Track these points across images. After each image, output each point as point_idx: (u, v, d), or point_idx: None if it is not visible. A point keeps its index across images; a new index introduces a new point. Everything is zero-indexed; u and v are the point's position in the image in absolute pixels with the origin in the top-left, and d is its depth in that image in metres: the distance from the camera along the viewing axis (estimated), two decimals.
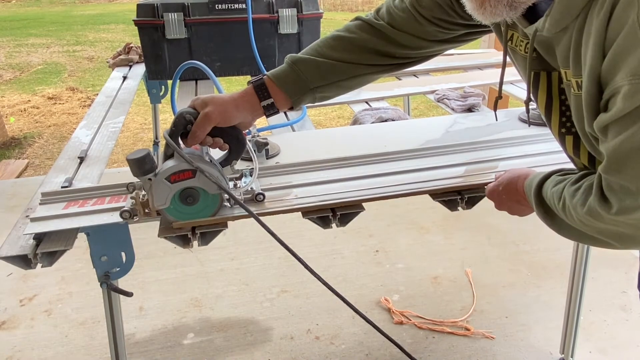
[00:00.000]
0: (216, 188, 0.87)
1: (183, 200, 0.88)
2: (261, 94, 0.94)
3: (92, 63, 7.05)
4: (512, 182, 0.92)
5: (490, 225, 2.45)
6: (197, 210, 0.90)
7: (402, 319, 1.84)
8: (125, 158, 0.85)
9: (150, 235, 1.41)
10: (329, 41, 0.98)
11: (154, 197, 0.86)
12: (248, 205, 0.92)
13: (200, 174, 0.85)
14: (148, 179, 0.85)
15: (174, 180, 0.85)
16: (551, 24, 0.69)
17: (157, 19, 1.80)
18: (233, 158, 0.95)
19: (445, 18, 0.93)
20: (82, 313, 1.92)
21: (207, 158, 0.92)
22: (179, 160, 0.85)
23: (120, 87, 1.89)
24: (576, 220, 0.71)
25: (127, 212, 0.90)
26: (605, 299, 1.94)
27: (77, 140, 1.37)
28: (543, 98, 0.80)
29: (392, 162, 1.12)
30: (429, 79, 1.90)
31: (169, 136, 0.86)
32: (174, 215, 0.90)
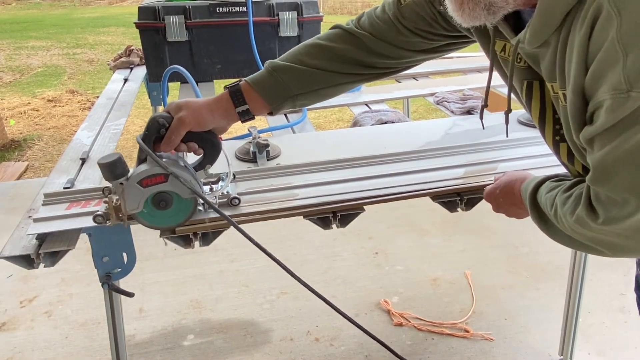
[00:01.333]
0: (189, 192, 0.86)
1: (156, 204, 0.87)
2: (236, 100, 0.93)
3: (92, 66, 7.07)
4: (509, 185, 0.93)
5: (489, 228, 2.45)
6: (171, 215, 0.89)
7: (402, 321, 1.84)
8: (97, 162, 0.84)
9: (150, 237, 1.42)
10: (310, 49, 0.97)
11: (126, 202, 0.85)
12: (223, 210, 0.92)
13: (173, 178, 0.85)
14: (120, 183, 0.84)
15: (146, 184, 0.85)
16: (531, 34, 0.70)
17: (158, 21, 1.81)
18: (207, 162, 0.94)
19: (428, 29, 0.93)
20: (82, 314, 1.92)
21: (181, 162, 0.91)
22: (152, 165, 0.85)
23: (121, 90, 1.90)
24: (567, 228, 0.72)
25: (101, 216, 0.89)
26: (604, 301, 1.95)
27: (78, 141, 1.37)
28: (537, 107, 0.81)
29: (391, 164, 1.13)
30: (429, 82, 1.91)
31: (142, 140, 0.86)
32: (147, 220, 0.89)
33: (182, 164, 0.91)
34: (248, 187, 1.05)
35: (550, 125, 0.79)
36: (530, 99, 0.81)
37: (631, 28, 0.57)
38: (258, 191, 1.03)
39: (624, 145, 0.59)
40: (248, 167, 1.13)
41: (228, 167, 0.98)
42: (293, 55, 0.97)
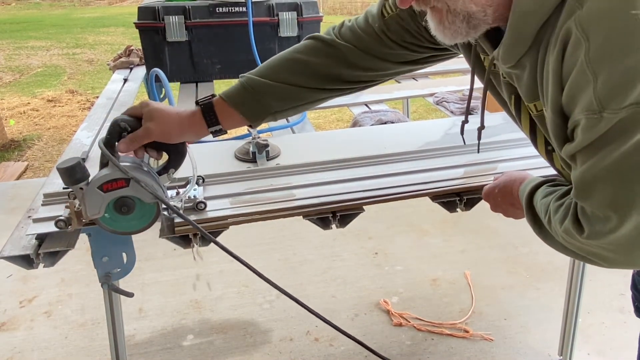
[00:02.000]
0: (151, 197, 0.84)
1: (117, 209, 0.85)
2: (209, 120, 0.90)
3: (92, 66, 7.07)
4: (508, 185, 0.93)
5: (489, 228, 2.46)
6: (134, 220, 0.88)
7: (401, 321, 1.84)
8: (55, 167, 0.83)
9: (150, 237, 1.42)
10: (289, 64, 0.94)
11: (87, 207, 0.84)
12: (189, 214, 0.92)
13: (134, 183, 0.83)
14: (80, 188, 0.82)
15: (107, 189, 0.83)
16: (504, 52, 0.71)
17: (158, 21, 1.81)
18: (171, 167, 0.92)
19: (414, 42, 0.92)
20: (82, 314, 1.92)
21: (144, 167, 0.89)
22: (112, 169, 0.83)
23: (121, 90, 1.90)
24: (559, 236, 0.73)
25: (62, 221, 0.88)
26: (603, 301, 1.95)
27: (78, 141, 1.37)
28: (527, 121, 0.80)
29: (391, 164, 1.13)
30: (428, 82, 1.91)
31: (104, 145, 0.84)
32: (109, 225, 0.87)
33: (145, 168, 0.88)
34: (248, 187, 1.05)
35: (541, 137, 0.80)
36: (520, 112, 0.81)
37: (599, 51, 0.58)
38: (257, 191, 1.03)
39: (601, 163, 0.61)
40: (248, 167, 1.13)
41: (193, 170, 0.95)
42: (271, 70, 0.94)
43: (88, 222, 0.88)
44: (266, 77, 0.92)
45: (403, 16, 0.90)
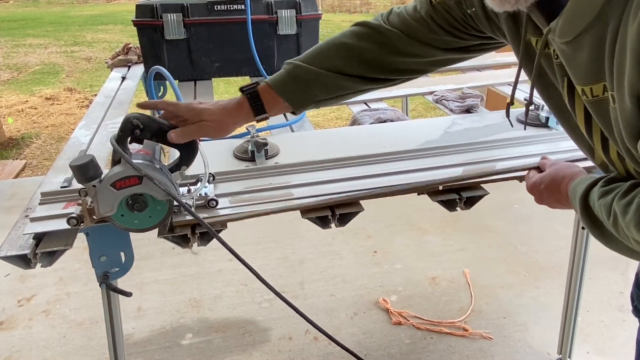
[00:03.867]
0: (164, 194, 0.85)
1: (130, 207, 0.85)
2: (256, 108, 0.92)
3: (90, 64, 7.05)
4: (556, 182, 0.87)
5: (488, 227, 2.45)
6: (146, 217, 0.88)
7: (401, 320, 1.84)
8: (69, 164, 0.82)
9: (148, 236, 1.41)
10: (337, 49, 0.94)
11: (100, 204, 0.83)
12: (200, 212, 0.92)
13: (147, 180, 0.83)
14: (93, 186, 0.82)
15: (120, 186, 0.83)
16: (565, 21, 0.64)
17: (156, 19, 1.80)
18: (183, 164, 0.92)
19: (460, 28, 0.90)
20: (80, 313, 1.92)
21: (157, 164, 0.89)
22: (125, 166, 0.83)
23: (119, 88, 1.89)
24: (631, 240, 0.65)
25: (74, 218, 0.88)
26: (602, 300, 1.95)
27: (76, 140, 1.37)
28: (581, 108, 0.72)
29: (390, 163, 1.13)
30: (428, 80, 1.91)
31: (116, 142, 0.84)
32: (121, 222, 0.87)
33: (157, 165, 0.88)
34: (247, 186, 1.04)
35: (597, 126, 0.71)
36: (574, 98, 0.72)
37: None
38: (256, 190, 1.02)
39: None
40: (246, 166, 1.13)
41: (205, 168, 0.96)
42: (318, 57, 0.94)
43: (100, 220, 0.88)
44: (313, 63, 0.93)
45: (450, 4, 0.88)
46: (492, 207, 2.61)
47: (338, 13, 13.37)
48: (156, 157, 0.91)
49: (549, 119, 1.34)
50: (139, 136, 0.87)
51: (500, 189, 1.10)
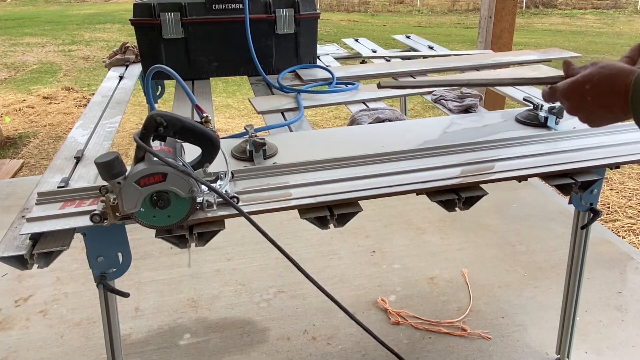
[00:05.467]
0: (188, 191, 0.86)
1: (154, 204, 0.87)
2: None
3: (88, 63, 7.03)
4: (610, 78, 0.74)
5: (486, 226, 2.45)
6: (169, 214, 0.89)
7: (399, 320, 1.84)
8: (94, 161, 0.83)
9: (146, 236, 1.41)
10: None
11: (124, 201, 0.85)
12: (222, 209, 0.92)
13: (171, 177, 0.84)
14: (117, 183, 0.83)
15: (144, 184, 0.84)
16: None
17: (153, 18, 1.79)
18: (205, 161, 0.93)
19: None
20: (77, 314, 1.91)
21: (180, 161, 0.90)
22: (150, 164, 0.84)
23: (117, 87, 1.89)
24: None
25: (98, 215, 0.88)
26: (600, 300, 1.95)
27: (73, 140, 1.36)
28: None
29: (389, 163, 1.12)
30: (426, 80, 1.90)
31: (140, 139, 0.85)
32: (144, 219, 0.88)
33: (180, 162, 0.90)
34: (245, 186, 1.04)
35: None
36: None
37: None
38: (254, 190, 1.02)
39: None
40: (245, 166, 1.12)
41: (226, 165, 0.97)
42: None
43: (123, 216, 0.88)
44: None
45: None
46: (490, 207, 2.61)
47: (336, 12, 13.36)
48: (178, 154, 0.92)
49: (548, 118, 1.34)
50: (162, 133, 0.88)
51: (498, 189, 1.10)
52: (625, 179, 3.33)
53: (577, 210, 1.42)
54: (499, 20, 3.00)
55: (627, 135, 1.28)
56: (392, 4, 14.86)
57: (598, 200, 1.36)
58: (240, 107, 5.12)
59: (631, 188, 3.20)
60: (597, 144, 1.24)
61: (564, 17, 12.50)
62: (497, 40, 3.03)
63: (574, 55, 2.26)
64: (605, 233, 2.43)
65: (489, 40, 3.06)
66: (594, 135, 1.29)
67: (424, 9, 14.29)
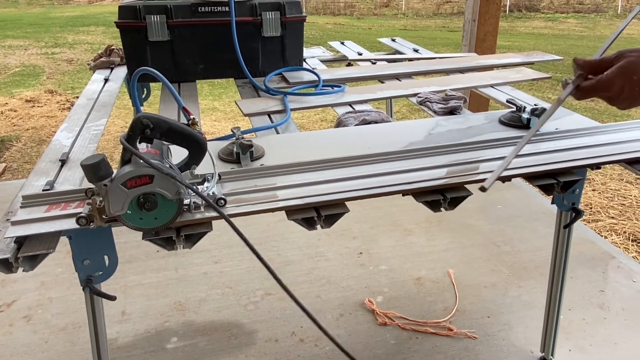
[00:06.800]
0: (175, 193, 0.86)
1: (141, 206, 0.86)
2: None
3: (71, 65, 6.96)
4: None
5: (471, 227, 2.48)
6: (156, 216, 0.89)
7: (386, 320, 1.85)
8: (80, 164, 0.83)
9: (132, 239, 1.40)
10: None
11: (110, 204, 0.84)
12: (209, 210, 0.92)
13: (158, 179, 0.84)
14: (104, 185, 0.83)
15: (131, 185, 0.84)
16: None
17: (139, 21, 1.78)
18: (192, 163, 0.93)
19: None
20: (62, 318, 1.89)
21: (166, 163, 0.90)
22: (136, 166, 0.84)
23: (102, 90, 1.87)
24: None
25: (84, 218, 0.88)
26: (583, 298, 1.98)
27: (58, 143, 1.35)
28: None
29: (376, 164, 1.14)
30: (411, 82, 1.92)
31: (126, 141, 0.84)
32: (131, 222, 0.88)
33: (167, 164, 0.89)
34: (232, 188, 1.04)
35: None
36: None
37: None
38: (242, 192, 1.02)
39: None
40: (232, 168, 1.12)
41: (213, 167, 0.97)
42: None
43: (110, 219, 0.88)
44: None
45: None
46: (475, 208, 2.64)
47: (322, 15, 13.40)
48: (165, 156, 0.92)
49: (530, 120, 1.36)
50: (149, 135, 0.88)
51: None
52: (607, 180, 3.39)
53: (559, 210, 1.45)
54: (483, 23, 3.04)
55: (608, 136, 1.31)
56: (377, 8, 14.94)
57: (580, 200, 1.39)
58: (227, 109, 5.11)
59: (613, 189, 3.26)
60: (579, 145, 1.26)
61: (546, 21, 12.69)
62: (481, 44, 3.07)
63: (557, 58, 2.30)
64: (587, 233, 2.47)
65: (473, 43, 3.10)
66: (575, 137, 1.31)
67: (409, 12, 14.40)
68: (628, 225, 2.77)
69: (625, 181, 3.36)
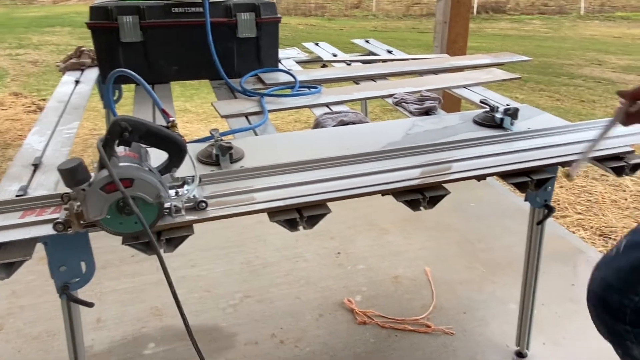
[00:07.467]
0: (155, 197, 0.85)
1: (120, 210, 0.85)
2: None
3: (37, 67, 6.76)
4: None
5: (447, 225, 2.52)
6: (136, 221, 0.87)
7: (365, 319, 1.87)
8: (57, 168, 0.81)
9: (105, 244, 1.37)
10: None
11: (89, 208, 0.83)
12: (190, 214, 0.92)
13: (137, 183, 0.83)
14: (82, 190, 0.82)
15: (109, 190, 0.82)
16: None
17: (111, 21, 1.75)
18: (173, 165, 0.92)
19: None
20: (35, 327, 1.84)
21: (146, 166, 0.89)
22: (116, 170, 0.82)
23: (73, 92, 1.83)
24: None
25: (61, 223, 0.86)
26: (556, 293, 2.04)
27: (29, 147, 1.31)
28: None
29: (356, 165, 1.15)
30: (387, 83, 1.95)
31: (103, 145, 0.83)
32: (110, 226, 0.87)
33: (146, 167, 0.88)
34: (212, 190, 1.03)
35: None
36: None
37: None
38: (223, 194, 1.02)
39: None
40: (211, 171, 1.12)
41: (194, 170, 0.97)
42: None
43: (88, 224, 0.86)
44: None
45: None
46: (450, 206, 2.68)
47: (293, 16, 13.39)
48: (144, 159, 0.90)
49: (504, 120, 1.40)
50: (128, 139, 0.86)
51: (456, 189, 1.14)
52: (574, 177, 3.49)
53: (532, 207, 1.49)
54: (454, 25, 3.10)
55: (578, 135, 1.35)
56: (348, 9, 15.02)
57: (552, 197, 1.43)
58: (199, 111, 5.05)
59: (579, 185, 3.36)
60: (550, 144, 1.30)
61: (512, 22, 12.98)
62: (453, 45, 3.12)
63: (525, 59, 2.36)
64: (557, 229, 2.54)
65: (444, 44, 3.15)
66: (546, 136, 1.35)
67: (379, 13, 14.52)
68: (594, 221, 2.86)
69: (591, 178, 3.47)
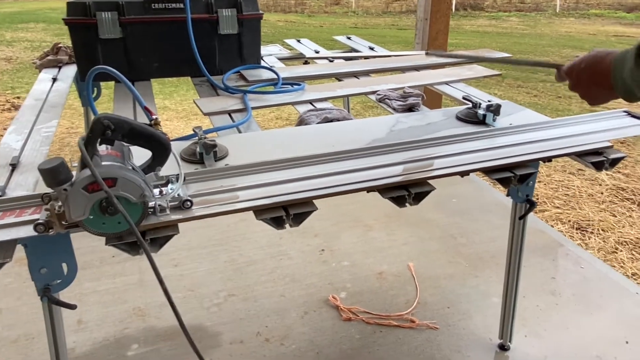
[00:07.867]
0: (139, 196, 0.84)
1: (103, 210, 0.83)
2: None
3: (10, 64, 6.60)
4: (597, 60, 0.88)
5: (429, 221, 2.54)
6: (120, 220, 0.85)
7: (351, 316, 1.87)
8: (37, 168, 0.79)
9: (85, 245, 1.35)
10: None
11: (71, 209, 0.81)
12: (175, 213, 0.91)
13: (121, 183, 0.82)
14: (63, 190, 0.80)
15: (92, 190, 0.80)
16: None
17: (89, 17, 1.72)
18: (157, 164, 0.91)
19: None
20: (14, 330, 1.80)
21: (129, 165, 0.87)
22: (98, 169, 0.81)
23: (50, 90, 1.79)
24: None
25: (42, 225, 0.84)
26: (536, 285, 2.07)
27: (6, 146, 1.28)
28: None
29: (341, 162, 1.15)
30: (369, 80, 1.95)
31: (85, 143, 0.81)
32: (93, 227, 0.85)
33: (129, 166, 0.87)
34: (197, 189, 1.02)
35: None
36: None
37: None
38: (208, 193, 1.01)
39: None
40: (195, 169, 1.10)
41: (179, 168, 0.95)
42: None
43: (70, 225, 0.84)
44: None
45: None
46: (432, 202, 2.69)
47: (273, 12, 13.33)
48: (127, 158, 0.88)
49: (486, 116, 1.41)
50: (110, 137, 0.84)
51: (438, 184, 1.15)
52: (552, 172, 3.56)
53: (514, 202, 1.51)
54: (435, 22, 3.12)
55: (558, 130, 1.37)
56: (328, 5, 15.01)
57: (533, 192, 1.45)
58: (179, 108, 5.00)
59: (557, 180, 3.43)
60: (531, 139, 1.32)
61: (490, 19, 13.13)
62: (433, 42, 3.14)
63: (506, 55, 2.39)
64: (537, 223, 2.59)
65: (425, 41, 3.17)
66: (528, 131, 1.37)
67: (359, 10, 14.54)
68: (572, 215, 2.92)
69: (568, 172, 3.54)
